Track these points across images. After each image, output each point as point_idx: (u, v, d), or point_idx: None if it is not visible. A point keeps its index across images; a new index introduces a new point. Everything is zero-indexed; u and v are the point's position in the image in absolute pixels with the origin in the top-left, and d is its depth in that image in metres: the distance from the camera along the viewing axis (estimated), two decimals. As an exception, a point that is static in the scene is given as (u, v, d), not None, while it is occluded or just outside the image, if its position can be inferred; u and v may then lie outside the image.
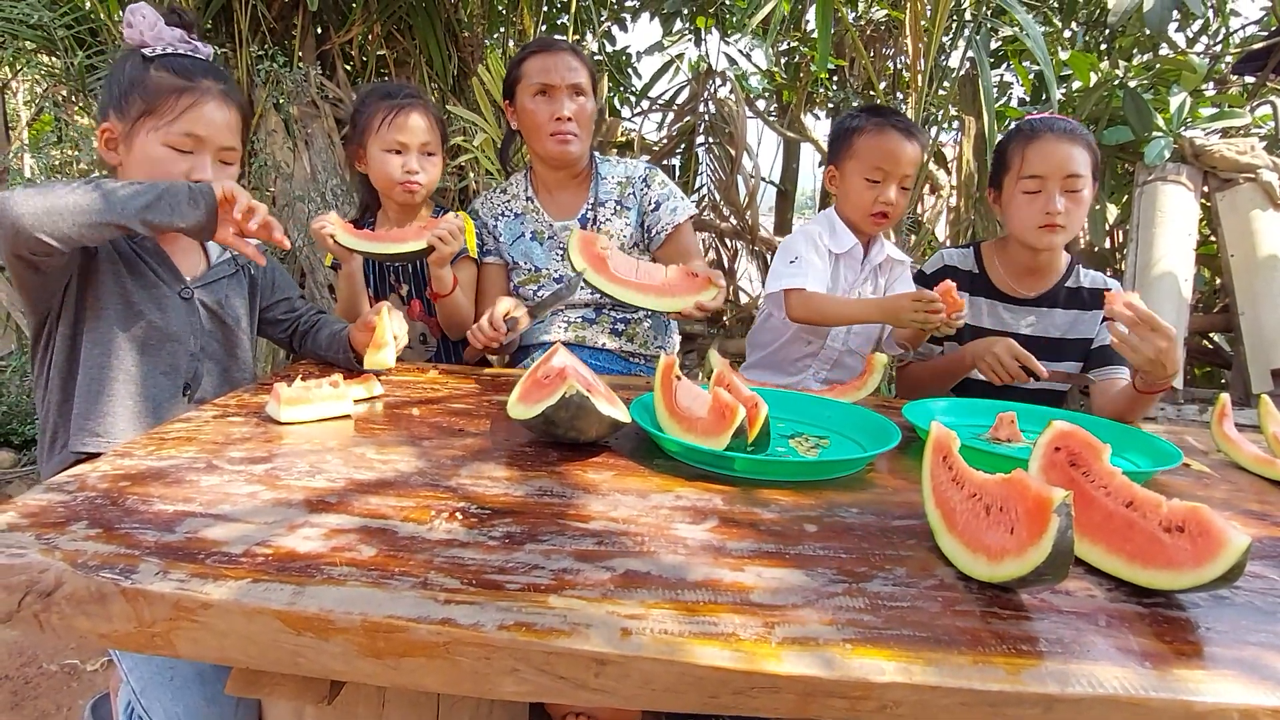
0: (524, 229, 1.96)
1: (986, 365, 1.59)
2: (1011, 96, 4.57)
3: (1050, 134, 1.65)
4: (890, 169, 1.73)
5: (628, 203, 1.96)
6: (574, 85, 1.83)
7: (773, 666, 0.62)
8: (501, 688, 0.64)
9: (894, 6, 4.03)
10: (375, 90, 1.85)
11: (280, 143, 3.20)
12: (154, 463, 0.95)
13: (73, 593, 0.67)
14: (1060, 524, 0.70)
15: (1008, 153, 1.73)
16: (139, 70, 1.30)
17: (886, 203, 1.75)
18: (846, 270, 1.84)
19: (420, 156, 1.79)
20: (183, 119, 1.29)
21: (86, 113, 3.42)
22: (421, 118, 1.78)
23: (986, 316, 1.81)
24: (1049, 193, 1.64)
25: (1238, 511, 1.06)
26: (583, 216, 1.94)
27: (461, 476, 0.97)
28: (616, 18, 4.54)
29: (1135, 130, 3.03)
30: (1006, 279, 1.81)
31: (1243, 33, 4.17)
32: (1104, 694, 0.61)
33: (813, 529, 0.88)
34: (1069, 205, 1.64)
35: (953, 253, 1.88)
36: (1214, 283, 3.41)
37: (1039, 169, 1.65)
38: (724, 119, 4.07)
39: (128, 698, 1.15)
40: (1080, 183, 1.64)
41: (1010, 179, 1.71)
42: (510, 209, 1.99)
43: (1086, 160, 1.65)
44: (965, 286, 1.81)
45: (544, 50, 1.86)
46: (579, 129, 1.85)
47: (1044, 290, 1.78)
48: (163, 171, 1.30)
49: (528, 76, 1.84)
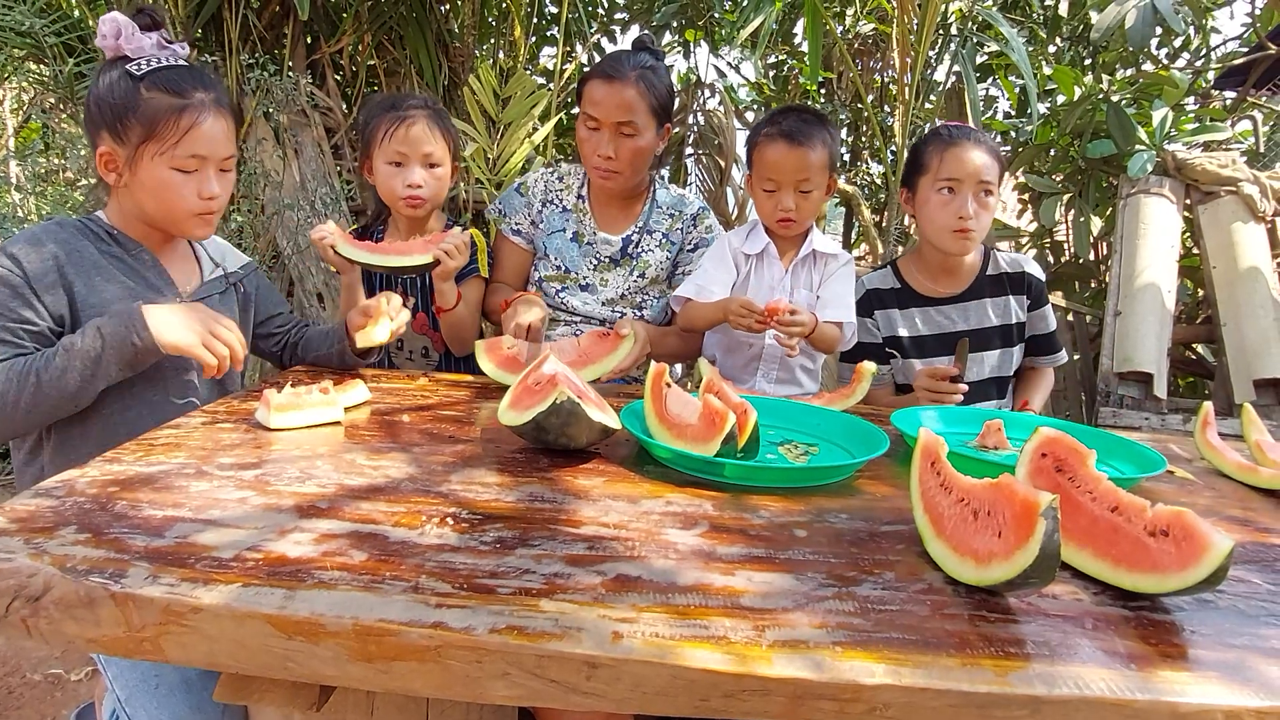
0: (567, 226, 1.95)
1: (930, 400, 1.63)
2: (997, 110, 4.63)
3: (967, 141, 1.74)
4: (779, 178, 1.75)
5: (673, 237, 1.96)
6: (623, 124, 1.79)
7: (763, 669, 0.62)
8: (493, 692, 0.64)
9: (881, 21, 4.08)
10: (381, 101, 1.83)
11: (270, 151, 3.20)
12: (143, 468, 0.95)
13: (61, 597, 0.67)
14: (1047, 527, 0.71)
15: (924, 155, 1.81)
16: (129, 91, 1.28)
17: (785, 210, 1.76)
18: (769, 268, 1.86)
19: (424, 169, 1.76)
20: (185, 141, 1.29)
21: (74, 120, 3.41)
22: (424, 129, 1.75)
23: (921, 324, 1.88)
24: (963, 196, 1.72)
25: (1221, 517, 1.08)
26: (627, 237, 1.95)
27: (452, 482, 0.98)
28: (606, 30, 4.57)
29: (1118, 144, 3.07)
30: (927, 284, 1.89)
31: (1223, 49, 4.24)
32: (1090, 696, 0.62)
33: (802, 534, 0.89)
34: (979, 210, 1.73)
35: (872, 276, 1.95)
36: (1197, 294, 3.45)
37: (955, 173, 1.73)
38: (713, 130, 4.09)
39: (112, 706, 1.14)
40: (989, 190, 1.74)
41: (926, 180, 1.79)
42: (561, 200, 1.97)
43: (995, 170, 1.74)
44: (892, 303, 1.90)
45: (604, 78, 1.80)
46: (622, 166, 1.82)
47: (967, 285, 1.87)
48: (173, 194, 1.31)
49: (586, 101, 1.83)
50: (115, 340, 1.19)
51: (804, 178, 1.74)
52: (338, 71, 3.71)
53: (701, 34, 4.49)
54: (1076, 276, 3.64)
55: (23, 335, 1.22)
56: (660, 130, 1.88)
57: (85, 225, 1.34)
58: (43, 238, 1.28)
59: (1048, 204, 3.31)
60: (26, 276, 1.24)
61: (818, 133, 1.73)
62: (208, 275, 1.48)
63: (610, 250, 1.94)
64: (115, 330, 1.20)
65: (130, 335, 1.20)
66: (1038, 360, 1.96)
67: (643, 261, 1.94)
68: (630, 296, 1.95)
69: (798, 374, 1.91)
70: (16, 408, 1.17)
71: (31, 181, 3.41)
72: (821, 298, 1.80)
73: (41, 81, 3.34)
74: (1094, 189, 3.31)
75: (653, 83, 1.81)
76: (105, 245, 1.34)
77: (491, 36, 4.07)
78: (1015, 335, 1.88)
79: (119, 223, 1.37)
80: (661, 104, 1.84)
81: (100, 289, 1.30)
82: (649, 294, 1.97)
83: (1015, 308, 1.87)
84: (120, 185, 1.33)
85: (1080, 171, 3.34)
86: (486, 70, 3.07)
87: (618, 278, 1.94)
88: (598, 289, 1.94)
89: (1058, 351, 1.95)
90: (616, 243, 1.94)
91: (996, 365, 1.87)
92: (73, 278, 1.28)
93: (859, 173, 4.90)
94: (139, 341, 1.20)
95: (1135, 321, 2.79)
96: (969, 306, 1.86)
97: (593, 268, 1.94)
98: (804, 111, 1.77)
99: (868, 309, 1.90)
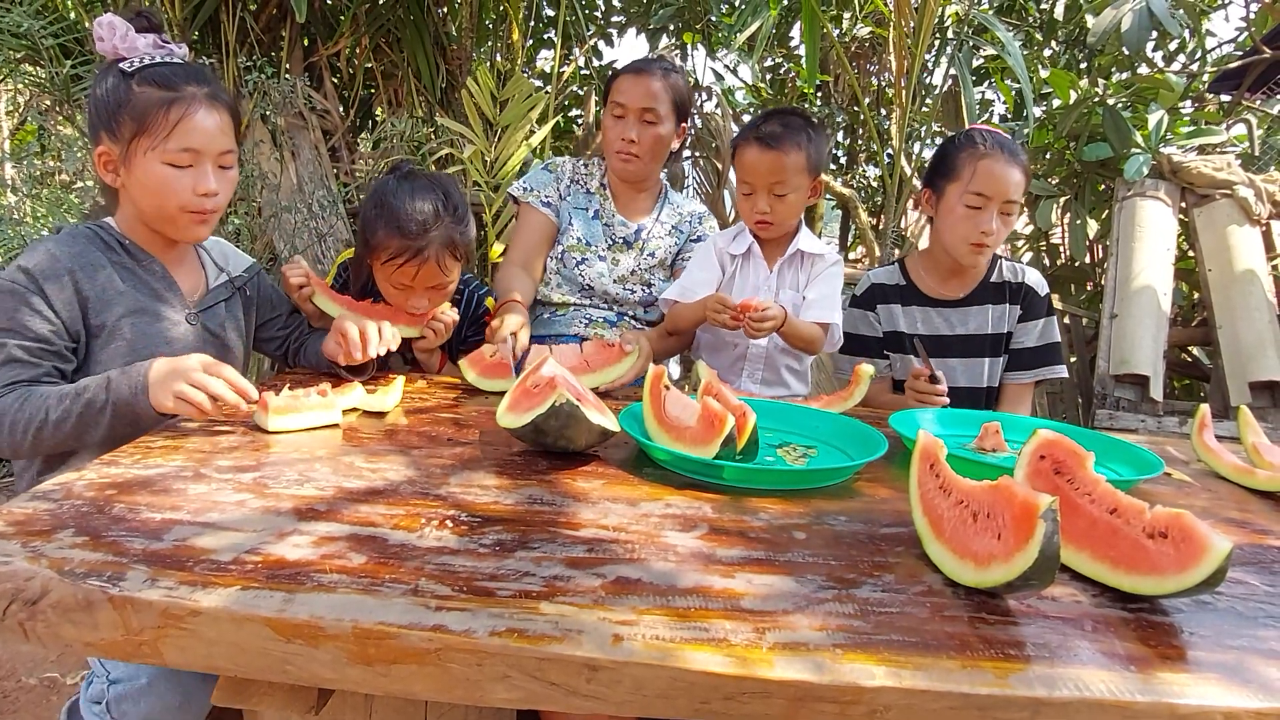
0: (590, 205, 2.09)
1: (918, 403, 1.62)
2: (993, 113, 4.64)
3: (1002, 155, 1.70)
4: (754, 181, 1.77)
5: (682, 228, 2.13)
6: (646, 110, 1.94)
7: (764, 671, 0.62)
8: (493, 694, 0.64)
9: (878, 24, 4.09)
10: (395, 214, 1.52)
11: (267, 154, 3.19)
12: (141, 471, 0.94)
13: (59, 600, 0.67)
14: (1046, 529, 0.71)
15: (956, 160, 1.75)
16: (122, 88, 1.27)
17: (761, 213, 1.78)
18: (754, 268, 1.88)
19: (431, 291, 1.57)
20: (176, 134, 1.27)
21: (70, 122, 3.41)
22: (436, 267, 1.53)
23: (921, 324, 1.88)
24: (988, 213, 1.71)
25: (1218, 519, 1.08)
26: (640, 225, 2.09)
27: (451, 485, 0.97)
28: (603, 33, 4.58)
29: (1114, 147, 3.08)
30: (933, 285, 1.88)
31: (1218, 52, 4.26)
32: (1090, 697, 0.62)
33: (802, 536, 0.89)
34: (1000, 227, 1.72)
35: (879, 271, 1.95)
36: (1192, 297, 3.46)
37: (986, 189, 1.69)
38: (710, 133, 4.10)
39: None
40: (1014, 208, 1.73)
41: (955, 188, 1.74)
42: (586, 184, 2.12)
43: (1022, 186, 1.72)
44: (895, 299, 1.89)
45: (632, 72, 1.97)
46: (643, 151, 1.97)
47: (970, 290, 1.86)
48: (168, 190, 1.29)
49: (613, 94, 1.98)
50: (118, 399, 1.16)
51: (778, 180, 1.75)
52: (335, 74, 3.71)
53: (699, 37, 4.50)
54: (1072, 279, 3.65)
55: (38, 354, 1.21)
56: (677, 127, 2.02)
57: (96, 234, 1.33)
58: (56, 251, 1.26)
59: (1044, 207, 3.31)
60: (42, 291, 1.22)
61: (794, 136, 1.73)
62: (213, 282, 1.47)
63: (625, 232, 2.07)
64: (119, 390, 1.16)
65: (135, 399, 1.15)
66: (1011, 375, 1.86)
67: (652, 244, 2.09)
68: (640, 274, 2.07)
69: (784, 374, 1.91)
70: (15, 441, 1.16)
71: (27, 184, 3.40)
72: (808, 299, 1.81)
73: (38, 83, 3.33)
74: (1090, 192, 3.32)
75: (675, 81, 1.99)
76: (116, 255, 1.33)
77: (489, 39, 4.07)
78: (1003, 346, 1.87)
79: (128, 229, 1.36)
80: (681, 101, 2.00)
81: (112, 302, 1.29)
82: (656, 274, 2.09)
83: (1009, 318, 1.86)
84: (120, 186, 1.32)
85: (1076, 174, 3.34)
86: (484, 73, 3.07)
87: (629, 258, 2.07)
88: (612, 265, 2.05)
89: (1032, 367, 1.84)
90: (632, 227, 2.08)
91: (986, 374, 1.86)
92: (86, 291, 1.27)
93: (856, 175, 4.91)
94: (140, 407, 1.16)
95: (1131, 324, 2.79)
96: (970, 311, 1.86)
97: (609, 245, 2.07)
98: (788, 115, 1.78)
99: (870, 302, 1.90)
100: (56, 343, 1.24)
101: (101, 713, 1.15)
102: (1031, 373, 1.85)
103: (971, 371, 1.85)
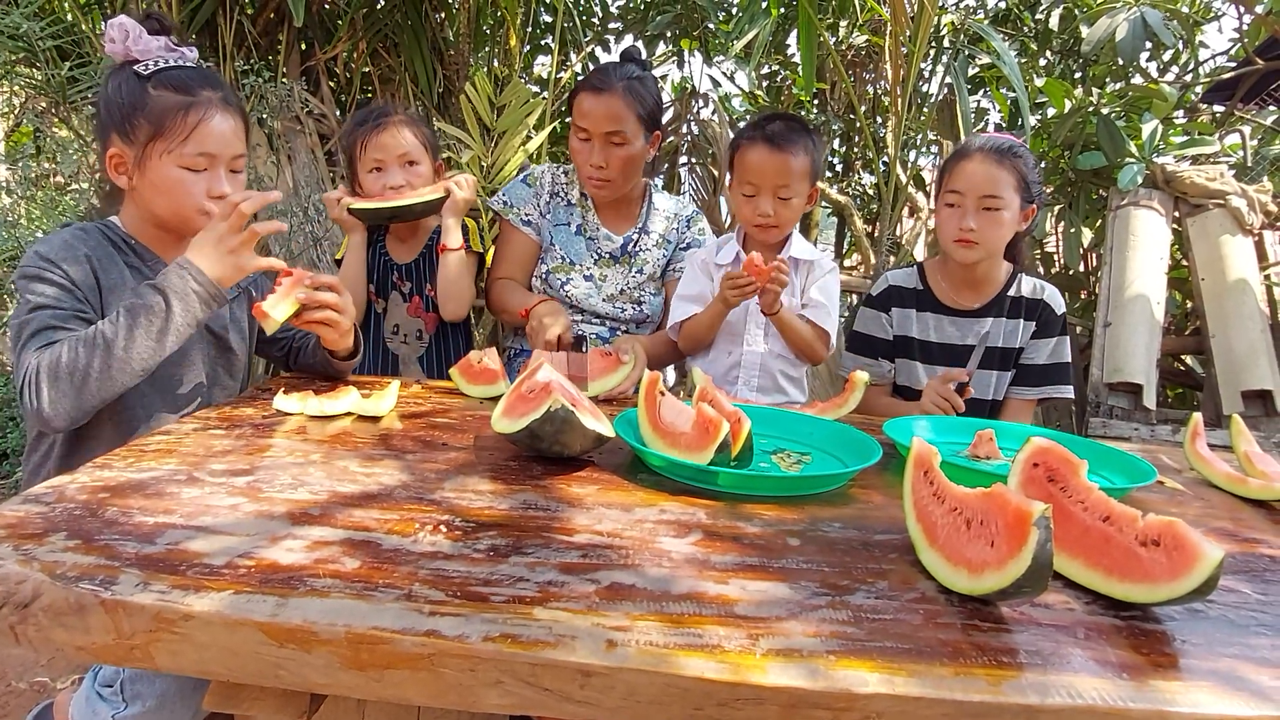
0: (572, 220, 2.01)
1: (937, 410, 1.63)
2: (989, 122, 4.67)
3: (979, 154, 1.73)
4: (759, 182, 1.76)
5: (670, 236, 2.05)
6: (612, 134, 1.84)
7: (757, 678, 0.62)
8: (486, 700, 0.64)
9: (874, 32, 4.11)
10: (354, 118, 1.93)
11: (263, 157, 3.19)
12: (134, 474, 0.94)
13: (50, 604, 0.67)
14: (1040, 537, 0.71)
15: (946, 164, 1.82)
16: (137, 90, 1.28)
17: (764, 215, 1.77)
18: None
19: (403, 169, 1.84)
20: (193, 138, 1.28)
21: (66, 125, 3.40)
22: (396, 133, 1.83)
23: (934, 331, 1.87)
24: (964, 209, 1.72)
25: (1210, 528, 1.08)
26: (627, 237, 2.02)
27: (445, 490, 0.97)
28: (600, 39, 4.59)
29: (1108, 156, 3.10)
30: (949, 292, 1.87)
31: (1212, 63, 4.29)
32: (1083, 705, 0.62)
33: (796, 543, 0.89)
34: (984, 223, 1.71)
35: (897, 273, 1.94)
36: (1185, 306, 3.48)
37: (959, 186, 1.73)
38: (707, 140, 4.11)
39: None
40: (998, 203, 1.71)
41: (943, 190, 1.79)
42: (567, 195, 2.03)
43: (1010, 182, 1.71)
44: (911, 303, 1.88)
45: (592, 90, 1.85)
46: (613, 175, 1.89)
47: (986, 301, 1.85)
48: (182, 192, 1.30)
49: (575, 114, 1.88)
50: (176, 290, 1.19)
51: (784, 183, 1.75)
52: (332, 78, 3.71)
53: (696, 44, 4.51)
54: (1066, 288, 3.67)
55: (68, 315, 1.23)
56: (649, 138, 1.93)
57: (104, 232, 1.34)
58: (73, 240, 1.29)
59: (1038, 215, 3.33)
60: (62, 269, 1.24)
61: (800, 139, 1.74)
62: None
63: (611, 247, 2.01)
64: (171, 283, 1.19)
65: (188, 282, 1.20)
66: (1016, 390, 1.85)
67: (641, 259, 2.01)
68: (630, 292, 2.01)
69: (780, 381, 1.91)
70: (88, 377, 1.15)
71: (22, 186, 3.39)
72: (804, 305, 1.81)
73: (34, 86, 3.33)
74: (1084, 201, 3.34)
75: (640, 92, 1.87)
76: (124, 255, 1.34)
77: (486, 44, 4.08)
78: (1013, 360, 1.84)
79: (133, 229, 1.37)
80: (649, 112, 1.90)
81: (123, 296, 1.29)
82: (646, 289, 2.03)
83: (1022, 333, 1.83)
84: (130, 188, 1.33)
85: (1070, 183, 3.37)
86: (481, 78, 3.07)
87: (617, 274, 2.00)
88: (599, 284, 1.99)
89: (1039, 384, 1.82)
90: (618, 240, 2.00)
91: (993, 387, 1.86)
92: (102, 279, 1.29)
93: (851, 183, 4.92)
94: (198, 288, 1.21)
95: (1125, 332, 2.81)
96: (984, 323, 1.83)
97: (594, 261, 2.00)
98: (788, 118, 1.78)
99: (885, 304, 1.89)
100: (81, 304, 1.25)
101: (114, 695, 1.15)
102: (1037, 390, 1.83)
103: (979, 383, 1.83)
